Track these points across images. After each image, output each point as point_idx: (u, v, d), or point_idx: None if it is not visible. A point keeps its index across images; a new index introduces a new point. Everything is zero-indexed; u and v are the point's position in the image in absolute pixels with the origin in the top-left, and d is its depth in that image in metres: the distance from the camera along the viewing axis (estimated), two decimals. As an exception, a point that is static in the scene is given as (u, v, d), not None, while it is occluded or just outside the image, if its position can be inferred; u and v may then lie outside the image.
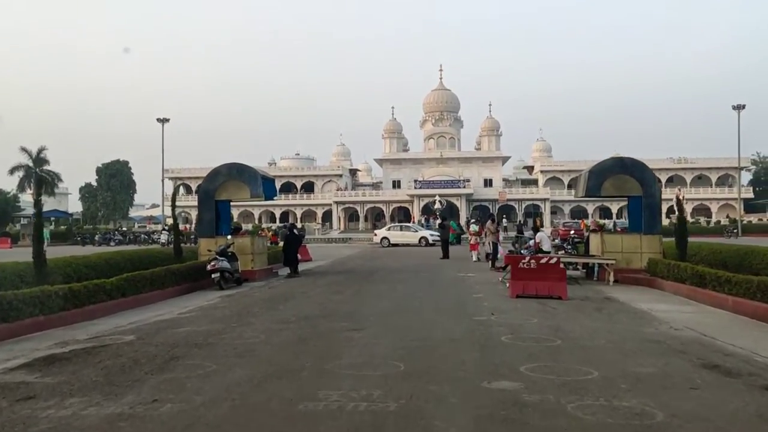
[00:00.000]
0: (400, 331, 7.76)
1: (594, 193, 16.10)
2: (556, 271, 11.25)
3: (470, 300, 11.16)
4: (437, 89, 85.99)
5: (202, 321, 9.02)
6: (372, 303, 10.84)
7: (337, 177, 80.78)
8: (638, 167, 15.73)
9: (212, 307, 10.96)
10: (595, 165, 15.96)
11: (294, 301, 11.53)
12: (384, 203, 73.42)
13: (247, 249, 16.59)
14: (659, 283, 13.61)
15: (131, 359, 6.27)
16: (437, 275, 16.65)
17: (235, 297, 12.51)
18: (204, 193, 16.92)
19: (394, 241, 36.23)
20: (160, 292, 12.67)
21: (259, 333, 7.76)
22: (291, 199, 79.53)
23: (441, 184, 68.80)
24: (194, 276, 14.51)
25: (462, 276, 16.29)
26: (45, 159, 69.82)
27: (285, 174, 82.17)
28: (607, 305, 10.50)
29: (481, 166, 79.18)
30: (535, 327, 8.03)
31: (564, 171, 76.63)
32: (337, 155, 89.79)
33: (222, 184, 16.80)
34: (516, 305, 10.24)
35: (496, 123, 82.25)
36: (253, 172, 16.70)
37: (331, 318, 9.04)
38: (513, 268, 11.46)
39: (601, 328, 8.06)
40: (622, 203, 77.80)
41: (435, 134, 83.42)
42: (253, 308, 10.45)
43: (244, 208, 79.26)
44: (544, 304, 10.27)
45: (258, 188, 16.53)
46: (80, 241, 45.17)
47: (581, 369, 5.61)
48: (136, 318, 9.59)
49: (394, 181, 79.61)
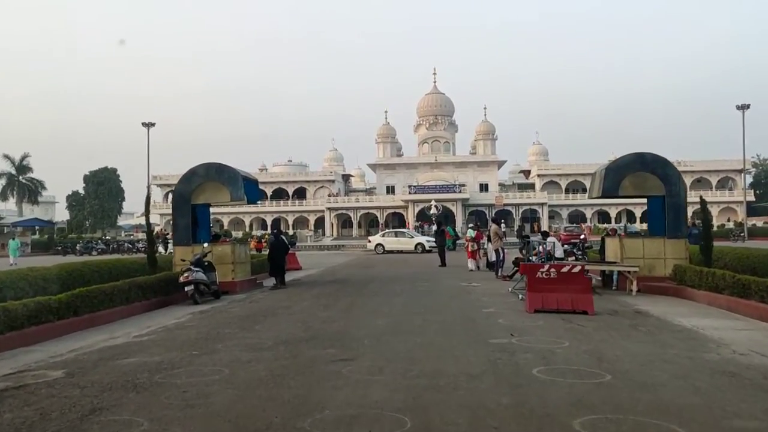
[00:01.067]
0: (402, 362, 6.14)
1: (611, 193, 14.55)
2: (580, 281, 9.65)
3: (481, 316, 9.54)
4: (431, 93, 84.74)
5: (158, 348, 7.37)
6: (366, 321, 9.21)
7: (329, 183, 79.18)
8: (660, 163, 14.20)
9: (178, 327, 9.30)
10: (612, 162, 14.42)
11: (275, 318, 9.89)
12: (378, 209, 71.85)
13: (227, 258, 14.95)
14: (689, 292, 12.09)
15: (39, 412, 4.62)
16: (438, 285, 15.05)
17: (209, 314, 10.86)
18: (179, 197, 15.28)
19: (389, 247, 34.63)
20: (123, 308, 11.05)
21: (223, 366, 6.13)
22: (282, 206, 77.83)
23: (436, 188, 67.33)
24: (165, 289, 12.86)
25: (465, 286, 14.69)
26: (28, 167, 68.09)
27: (276, 180, 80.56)
28: (643, 321, 8.91)
29: (477, 170, 77.80)
30: (571, 354, 6.43)
31: (561, 175, 75.32)
32: (330, 161, 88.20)
33: (199, 186, 15.17)
34: (537, 322, 8.64)
35: (491, 127, 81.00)
36: (233, 172, 15.07)
37: (316, 342, 7.40)
38: (529, 278, 9.86)
39: (651, 354, 6.46)
40: (620, 207, 76.92)
41: (429, 138, 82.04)
42: (225, 329, 8.80)
43: (235, 215, 77.60)
44: (569, 321, 8.67)
45: (239, 190, 14.91)
46: (61, 251, 43.32)
47: (660, 426, 4.01)
48: (82, 343, 7.95)
49: (388, 186, 78.09)
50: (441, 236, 23.86)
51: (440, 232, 24.26)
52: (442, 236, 23.86)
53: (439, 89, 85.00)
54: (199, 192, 15.17)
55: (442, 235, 23.96)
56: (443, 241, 23.58)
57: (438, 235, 24.01)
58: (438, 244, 23.50)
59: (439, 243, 23.31)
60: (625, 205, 71.78)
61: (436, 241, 24.22)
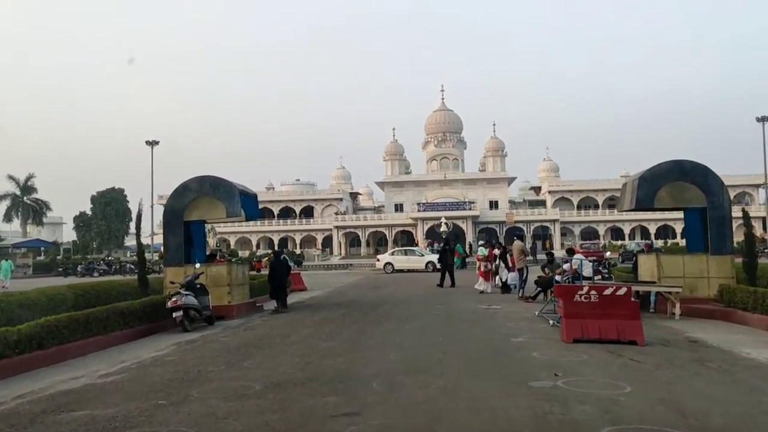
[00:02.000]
0: (421, 416, 4.74)
1: (645, 205, 13.17)
2: (627, 305, 8.22)
3: (510, 347, 8.12)
4: (439, 110, 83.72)
5: (119, 394, 6.01)
6: (374, 355, 7.81)
7: (337, 201, 77.98)
8: (701, 172, 12.81)
9: (155, 362, 7.94)
10: (646, 171, 13.02)
11: (269, 350, 8.50)
12: (386, 227, 70.45)
13: (222, 279, 13.62)
14: (740, 316, 10.66)
15: None
16: (454, 308, 13.63)
17: (196, 344, 9.50)
18: (170, 213, 13.99)
19: (398, 266, 33.21)
20: (101, 338, 9.76)
21: (191, 425, 4.74)
22: (290, 225, 76.63)
23: (446, 206, 65.88)
24: (153, 315, 11.54)
25: (485, 309, 13.25)
26: (33, 187, 67.31)
27: (283, 198, 79.51)
28: (706, 354, 7.46)
29: (486, 187, 76.43)
30: (641, 404, 5.00)
31: (573, 191, 73.77)
32: (337, 179, 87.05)
33: (192, 201, 13.89)
34: (580, 356, 7.21)
35: (500, 143, 79.65)
36: (229, 186, 13.79)
37: (314, 386, 6.00)
38: (565, 301, 8.43)
39: (741, 403, 5.05)
40: (634, 224, 75.19)
41: (438, 156, 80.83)
42: (208, 366, 7.43)
43: (242, 234, 76.43)
44: (619, 355, 7.25)
45: (235, 206, 13.61)
46: (62, 272, 42.15)
47: None
48: (37, 385, 6.62)
49: (396, 204, 76.78)
50: (449, 255, 21.49)
51: (447, 250, 21.53)
52: (450, 255, 21.54)
53: (447, 106, 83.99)
54: (192, 208, 13.90)
55: (448, 254, 21.41)
56: (451, 259, 21.38)
57: (443, 253, 21.30)
58: (442, 262, 20.98)
59: (447, 262, 20.81)
60: (639, 221, 70.15)
61: (441, 259, 21.45)
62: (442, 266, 20.74)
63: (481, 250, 18.17)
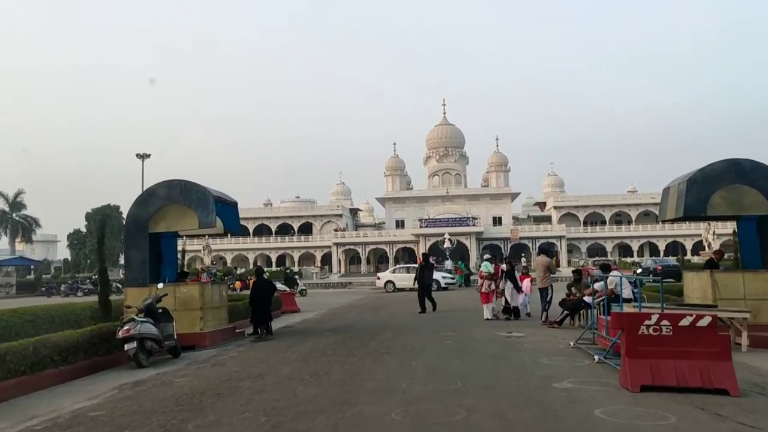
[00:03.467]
0: None
1: (695, 213, 11.04)
2: (712, 340, 6.10)
3: (558, 400, 5.95)
4: (441, 124, 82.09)
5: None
6: (370, 412, 5.65)
7: (336, 217, 75.90)
8: (763, 174, 10.70)
9: (71, 422, 5.81)
10: (695, 172, 10.91)
11: (230, 402, 6.35)
12: (387, 244, 68.33)
13: (193, 302, 11.50)
14: (825, 347, 8.54)
15: None
16: (469, 336, 11.46)
17: (142, 389, 7.36)
18: (133, 223, 11.89)
19: (400, 285, 31.02)
20: (26, 379, 7.67)
21: None
22: (288, 242, 74.53)
23: (448, 222, 63.84)
24: (103, 347, 9.43)
25: (506, 337, 11.10)
26: (22, 203, 65.28)
27: (282, 215, 77.56)
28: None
29: (489, 203, 74.43)
30: None
31: (579, 207, 71.70)
32: (337, 194, 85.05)
33: (160, 209, 11.82)
34: (665, 416, 5.08)
35: (504, 158, 77.82)
36: (202, 192, 11.70)
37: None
38: (628, 334, 6.30)
39: None
40: (643, 240, 72.71)
41: (440, 171, 78.99)
42: (140, 429, 5.30)
43: (238, 251, 74.28)
44: (717, 414, 5.13)
45: (209, 215, 11.52)
46: (45, 292, 39.96)
47: None
48: None
49: (397, 220, 74.75)
50: (428, 272, 17.87)
51: (425, 268, 17.91)
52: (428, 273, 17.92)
53: (449, 120, 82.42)
54: (159, 218, 11.81)
55: (429, 271, 18.03)
56: (429, 278, 17.96)
57: (420, 272, 17.82)
58: (419, 283, 17.62)
59: (425, 281, 17.54)
60: (648, 238, 67.97)
61: (417, 279, 17.93)
62: (420, 288, 17.53)
63: (486, 266, 14.82)
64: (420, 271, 17.95)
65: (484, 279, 14.64)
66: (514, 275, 14.46)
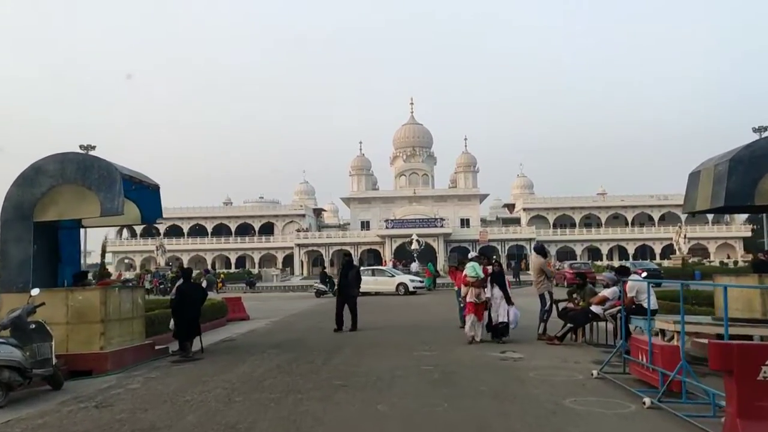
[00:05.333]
0: None
1: (740, 201, 8.69)
2: None
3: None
4: (408, 123, 79.76)
5: None
6: None
7: (299, 217, 72.82)
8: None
9: None
10: (740, 150, 8.55)
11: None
12: (352, 245, 65.53)
13: (92, 313, 8.74)
14: None
15: None
16: (452, 357, 8.95)
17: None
18: (12, 210, 9.02)
19: (364, 288, 27.92)
20: None
21: None
22: (248, 242, 71.16)
23: (416, 223, 61.40)
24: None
25: (500, 358, 8.62)
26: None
27: (241, 214, 74.04)
28: None
29: (457, 204, 72.36)
30: None
31: (549, 209, 70.19)
32: (300, 194, 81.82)
33: (50, 191, 9.00)
34: None
35: (472, 158, 75.88)
36: (106, 169, 8.89)
37: None
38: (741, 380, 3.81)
39: None
40: (612, 243, 71.46)
41: (407, 171, 76.59)
42: None
43: (195, 252, 70.60)
44: None
45: (114, 199, 8.73)
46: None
47: None
48: None
49: (362, 221, 72.00)
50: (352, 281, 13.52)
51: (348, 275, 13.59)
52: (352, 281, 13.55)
53: (416, 120, 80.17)
54: (48, 202, 8.99)
55: (354, 278, 13.65)
56: (355, 289, 13.67)
57: (343, 279, 13.63)
58: (341, 291, 13.60)
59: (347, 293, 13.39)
60: (617, 241, 66.81)
61: (339, 287, 13.98)
62: (339, 298, 13.48)
63: (473, 268, 10.79)
64: (343, 278, 13.55)
65: (472, 286, 10.62)
66: (504, 281, 11.07)
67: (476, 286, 10.55)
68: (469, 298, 10.67)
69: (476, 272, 10.73)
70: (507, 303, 10.68)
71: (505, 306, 10.65)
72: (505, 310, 10.62)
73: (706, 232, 65.88)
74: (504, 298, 10.69)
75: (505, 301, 10.68)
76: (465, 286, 10.84)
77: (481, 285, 10.63)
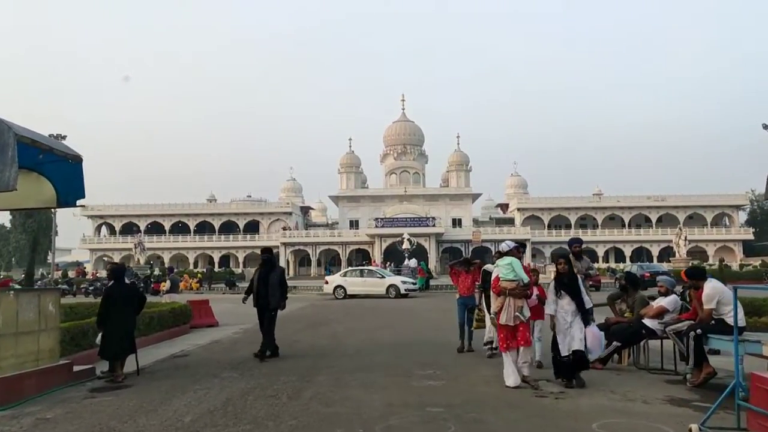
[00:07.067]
0: None
1: None
2: None
3: None
4: (399, 120, 77.50)
5: None
6: None
7: (286, 215, 70.34)
8: None
9: None
10: None
11: None
12: (340, 245, 63.23)
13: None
14: None
15: None
16: (466, 386, 6.64)
17: None
18: None
19: (352, 290, 26.05)
20: None
21: None
22: (232, 241, 68.57)
23: (406, 222, 59.06)
24: None
25: (540, 396, 6.28)
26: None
27: (226, 211, 71.40)
28: None
29: (449, 204, 70.16)
30: None
31: (544, 209, 68.21)
32: (287, 191, 79.30)
33: None
34: None
35: (465, 157, 73.66)
36: (-3, 127, 6.48)
37: None
38: None
39: None
40: (609, 245, 69.24)
41: (397, 169, 74.30)
42: None
43: (177, 251, 67.91)
44: None
45: (5, 170, 6.31)
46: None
47: None
48: None
49: (351, 220, 69.68)
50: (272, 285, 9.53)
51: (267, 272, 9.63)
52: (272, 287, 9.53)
53: (407, 117, 77.87)
54: None
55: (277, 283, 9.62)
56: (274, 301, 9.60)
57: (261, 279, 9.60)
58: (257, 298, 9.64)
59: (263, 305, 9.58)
60: (613, 243, 64.88)
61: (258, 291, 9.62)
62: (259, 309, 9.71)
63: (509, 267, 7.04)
64: (257, 279, 9.59)
65: (510, 295, 6.87)
66: (578, 286, 7.09)
67: (516, 296, 6.86)
68: (504, 318, 6.76)
69: (516, 273, 6.98)
70: (583, 321, 6.92)
71: (581, 325, 6.88)
72: (581, 332, 6.85)
73: (705, 235, 64.11)
74: (579, 313, 6.91)
75: (581, 318, 6.91)
76: (497, 294, 7.01)
77: (525, 294, 6.99)
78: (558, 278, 7.10)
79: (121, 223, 70.93)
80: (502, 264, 7.12)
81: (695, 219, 67.29)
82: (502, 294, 6.91)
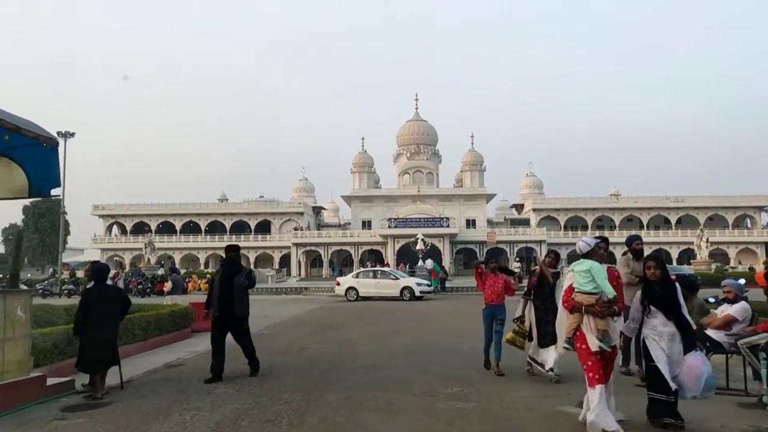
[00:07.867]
0: None
1: None
2: None
3: None
4: (413, 120, 76.39)
5: None
6: None
7: (298, 215, 69.40)
8: None
9: None
10: None
11: None
12: (352, 245, 62.19)
13: None
14: None
15: None
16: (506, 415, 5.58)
17: None
18: None
19: (364, 292, 25.01)
20: None
21: None
22: (243, 241, 67.71)
23: (420, 222, 57.86)
24: None
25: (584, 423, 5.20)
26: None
27: (237, 211, 70.56)
28: None
29: (463, 204, 68.90)
30: None
31: (560, 210, 66.72)
32: (299, 191, 78.41)
33: None
34: None
35: (479, 157, 72.32)
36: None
37: None
38: None
39: None
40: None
41: (410, 169, 73.17)
42: None
43: (188, 251, 67.22)
44: None
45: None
46: None
47: None
48: None
49: (364, 220, 68.63)
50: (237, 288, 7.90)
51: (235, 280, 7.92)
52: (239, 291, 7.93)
53: (421, 116, 76.75)
54: None
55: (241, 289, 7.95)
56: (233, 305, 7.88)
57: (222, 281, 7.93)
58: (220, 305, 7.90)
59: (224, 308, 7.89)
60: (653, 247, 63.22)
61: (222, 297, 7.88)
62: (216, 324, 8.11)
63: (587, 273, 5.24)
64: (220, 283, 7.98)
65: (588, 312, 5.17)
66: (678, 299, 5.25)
67: (598, 315, 5.13)
68: (593, 343, 5.05)
69: (597, 282, 5.19)
70: (684, 346, 5.14)
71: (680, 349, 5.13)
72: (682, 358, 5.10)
73: (727, 237, 62.38)
74: (682, 337, 5.15)
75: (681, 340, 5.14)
76: (570, 311, 5.29)
77: (611, 313, 5.19)
78: (647, 289, 5.30)
79: (132, 223, 70.43)
80: (578, 270, 5.31)
81: (716, 220, 65.57)
82: (576, 310, 5.22)
